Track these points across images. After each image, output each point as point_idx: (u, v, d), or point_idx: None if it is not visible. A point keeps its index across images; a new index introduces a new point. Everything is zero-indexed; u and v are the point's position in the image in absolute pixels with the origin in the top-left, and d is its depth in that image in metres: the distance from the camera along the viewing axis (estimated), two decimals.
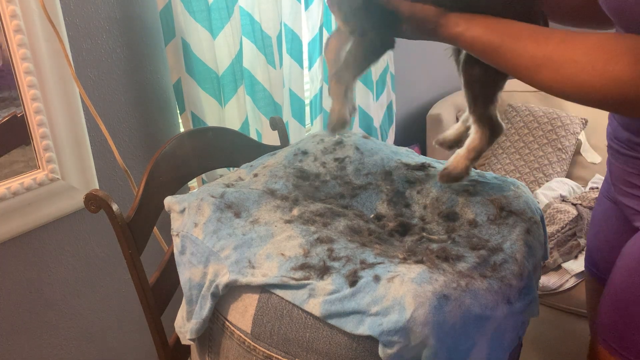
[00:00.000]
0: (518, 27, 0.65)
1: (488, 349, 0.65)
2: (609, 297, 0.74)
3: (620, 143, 0.76)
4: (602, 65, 0.57)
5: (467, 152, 0.83)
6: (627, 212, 0.77)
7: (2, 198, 0.98)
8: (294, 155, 0.93)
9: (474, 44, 0.68)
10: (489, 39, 0.66)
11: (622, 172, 0.76)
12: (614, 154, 0.78)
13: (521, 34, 0.64)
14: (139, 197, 0.88)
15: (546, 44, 0.61)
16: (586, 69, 0.58)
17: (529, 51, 0.63)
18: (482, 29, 0.67)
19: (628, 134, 0.73)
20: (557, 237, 1.64)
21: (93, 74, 1.10)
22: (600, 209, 0.90)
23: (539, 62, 0.62)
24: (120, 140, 1.18)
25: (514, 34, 0.65)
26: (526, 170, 2.04)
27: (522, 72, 0.64)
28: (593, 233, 0.93)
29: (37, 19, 0.96)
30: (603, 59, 0.57)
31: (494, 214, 0.80)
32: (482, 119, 0.81)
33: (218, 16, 1.19)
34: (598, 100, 0.59)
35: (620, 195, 0.78)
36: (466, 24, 0.68)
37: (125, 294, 1.27)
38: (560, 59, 0.60)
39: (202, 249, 0.73)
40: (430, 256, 0.69)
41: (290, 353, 0.65)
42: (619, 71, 0.56)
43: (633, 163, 0.73)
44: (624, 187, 0.76)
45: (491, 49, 0.66)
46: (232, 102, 1.28)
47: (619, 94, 0.57)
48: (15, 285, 1.06)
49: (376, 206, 0.86)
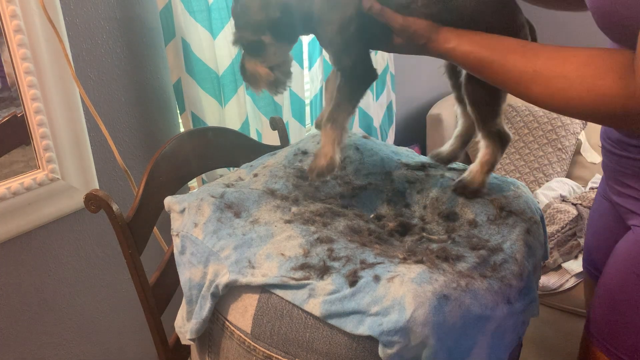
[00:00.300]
0: (507, 43, 0.67)
1: (488, 349, 0.65)
2: (600, 295, 0.75)
3: (612, 143, 0.76)
4: (591, 81, 0.58)
5: (481, 166, 0.84)
6: (620, 211, 0.78)
7: (2, 198, 0.98)
8: (294, 155, 0.93)
9: (465, 59, 0.70)
10: (480, 55, 0.68)
11: (614, 171, 0.77)
12: (606, 154, 0.79)
13: (510, 49, 0.66)
14: (139, 197, 0.88)
15: (536, 59, 0.63)
16: (575, 84, 0.59)
17: (519, 67, 0.64)
18: (472, 45, 0.69)
19: (619, 134, 0.74)
20: (557, 237, 1.64)
21: (93, 74, 1.10)
22: (597, 209, 0.90)
23: (529, 78, 0.63)
24: (120, 140, 1.18)
25: (504, 50, 0.66)
26: (526, 170, 2.04)
27: (513, 86, 0.66)
28: (591, 233, 0.93)
29: (37, 19, 0.96)
30: (591, 74, 0.58)
31: (494, 214, 0.80)
32: (491, 133, 0.82)
33: (218, 16, 1.19)
34: (587, 114, 0.61)
35: (614, 194, 0.79)
36: (457, 39, 0.70)
37: (125, 294, 1.27)
38: (550, 74, 0.61)
39: (202, 249, 0.73)
40: (430, 256, 0.69)
41: (290, 353, 0.65)
42: (607, 87, 0.57)
43: (625, 162, 0.74)
44: (617, 187, 0.77)
45: (482, 64, 0.68)
46: (232, 102, 1.28)
47: (607, 109, 0.58)
48: (15, 285, 1.06)
49: (376, 206, 0.86)
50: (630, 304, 0.69)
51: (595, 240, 0.90)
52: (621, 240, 0.73)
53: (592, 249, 0.92)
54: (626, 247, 0.72)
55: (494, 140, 0.82)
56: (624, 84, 0.56)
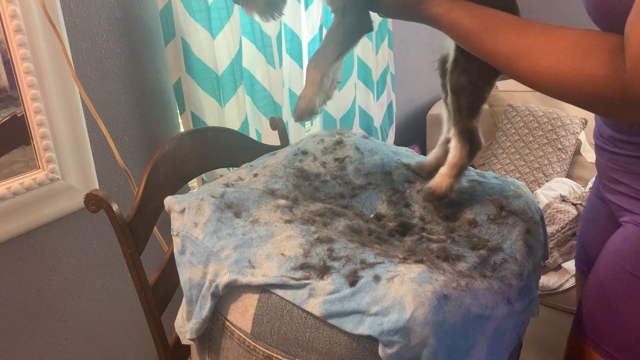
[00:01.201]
0: (500, 16, 0.65)
1: (488, 349, 0.65)
2: (590, 291, 0.75)
3: (604, 140, 0.76)
4: (581, 59, 0.57)
5: (449, 169, 0.81)
6: (612, 209, 0.78)
7: (2, 198, 0.98)
8: (294, 155, 0.93)
9: (455, 27, 0.67)
10: (471, 23, 0.66)
11: (606, 168, 0.77)
12: (599, 151, 0.79)
13: (502, 22, 0.64)
14: (139, 197, 0.88)
15: (526, 34, 0.62)
16: (565, 62, 0.58)
17: (509, 40, 0.63)
18: (464, 12, 0.66)
19: (611, 131, 0.74)
20: (557, 237, 1.64)
21: (93, 74, 1.10)
22: (590, 207, 0.91)
23: (518, 52, 0.62)
24: (120, 140, 1.18)
25: (496, 22, 0.65)
26: (526, 170, 2.04)
27: (500, 60, 0.64)
28: (584, 231, 0.93)
29: (37, 19, 0.96)
30: (582, 53, 0.57)
31: (494, 214, 0.80)
32: (464, 133, 0.79)
33: (218, 16, 1.19)
34: (572, 94, 0.59)
35: (607, 192, 0.79)
36: (449, 4, 0.68)
37: (125, 294, 1.27)
38: (540, 50, 0.60)
39: (202, 249, 0.73)
40: (430, 256, 0.69)
41: (291, 353, 0.65)
42: (596, 67, 0.56)
43: (616, 159, 0.74)
44: (609, 184, 0.77)
45: (471, 34, 0.66)
46: (231, 102, 1.28)
47: (593, 90, 0.57)
48: (15, 285, 1.06)
49: (376, 206, 0.86)
50: (619, 299, 0.69)
51: (588, 239, 0.90)
52: (612, 236, 0.74)
53: (585, 247, 0.92)
54: (616, 243, 0.72)
55: (466, 141, 0.79)
56: (613, 66, 0.55)
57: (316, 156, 0.93)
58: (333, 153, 0.94)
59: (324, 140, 0.97)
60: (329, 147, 0.95)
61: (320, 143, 0.96)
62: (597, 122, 0.81)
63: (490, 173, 0.92)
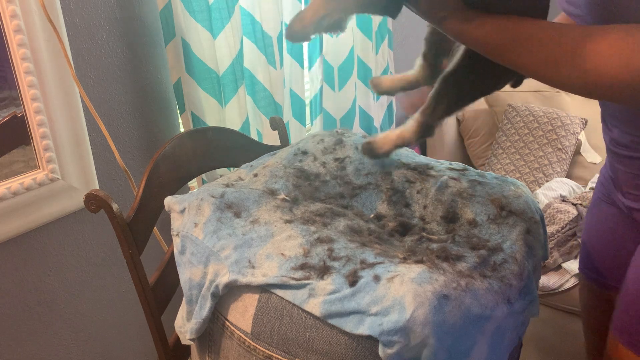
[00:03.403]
0: (530, 26, 0.62)
1: (488, 349, 0.65)
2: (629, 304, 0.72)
3: (624, 147, 0.75)
4: (628, 54, 0.54)
5: (397, 138, 0.86)
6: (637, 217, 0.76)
7: (2, 198, 0.98)
8: (294, 155, 0.93)
9: (482, 43, 0.65)
10: (500, 38, 0.63)
11: (630, 176, 0.75)
12: (618, 159, 0.77)
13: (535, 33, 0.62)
14: (139, 197, 0.88)
15: (564, 38, 0.59)
16: (610, 61, 0.55)
17: (545, 50, 0.60)
18: (491, 27, 0.64)
19: (631, 136, 0.72)
20: (557, 237, 1.64)
21: (93, 74, 1.10)
22: (597, 213, 0.89)
23: (555, 60, 0.59)
24: (120, 140, 1.18)
25: (529, 34, 0.62)
26: (526, 170, 2.04)
27: (541, 69, 0.61)
28: (591, 237, 0.91)
29: (37, 19, 0.96)
30: (629, 48, 0.54)
31: (494, 214, 0.80)
32: (423, 122, 0.83)
33: (218, 16, 1.19)
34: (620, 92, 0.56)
35: (631, 200, 0.77)
36: (478, 20, 0.65)
37: (125, 294, 1.27)
38: (583, 53, 0.57)
39: (202, 249, 0.73)
40: (430, 256, 0.69)
41: (291, 353, 0.65)
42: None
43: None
44: (634, 191, 0.75)
45: (503, 49, 0.64)
46: (232, 102, 1.28)
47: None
48: (16, 285, 1.06)
49: (376, 206, 0.86)
50: None
51: (599, 245, 0.89)
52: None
53: (592, 253, 0.91)
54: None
55: (423, 130, 0.84)
56: None
57: (316, 156, 0.93)
58: (333, 153, 0.94)
59: (324, 140, 0.97)
60: (329, 147, 0.95)
61: (321, 143, 0.96)
62: (611, 133, 0.78)
63: (490, 173, 0.92)
